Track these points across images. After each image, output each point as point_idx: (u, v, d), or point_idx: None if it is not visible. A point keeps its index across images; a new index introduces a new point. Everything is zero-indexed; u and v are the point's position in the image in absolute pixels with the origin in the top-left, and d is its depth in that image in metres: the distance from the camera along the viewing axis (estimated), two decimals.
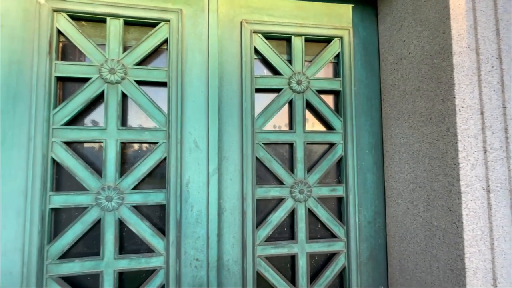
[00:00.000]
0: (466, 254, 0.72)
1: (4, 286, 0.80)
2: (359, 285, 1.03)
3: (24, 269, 0.81)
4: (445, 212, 0.78)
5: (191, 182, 0.92)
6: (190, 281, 0.91)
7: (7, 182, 0.81)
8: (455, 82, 0.75)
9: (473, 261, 0.72)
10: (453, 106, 0.75)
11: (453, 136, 0.75)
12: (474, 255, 0.72)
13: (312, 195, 1.02)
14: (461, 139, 0.74)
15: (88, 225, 0.86)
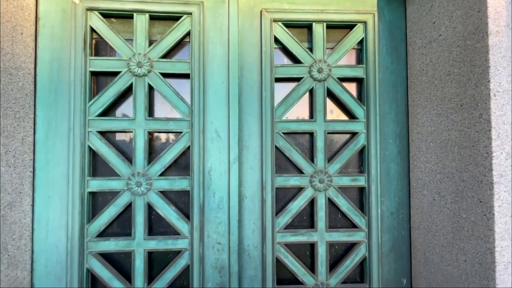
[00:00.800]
0: (497, 248, 0.68)
1: (52, 258, 0.90)
2: (380, 276, 1.02)
3: (68, 244, 0.91)
4: (475, 203, 0.74)
5: (213, 170, 0.96)
6: (213, 263, 0.96)
7: (52, 168, 0.91)
8: (491, 64, 0.69)
9: (505, 255, 0.68)
10: (487, 91, 0.70)
11: (486, 123, 0.70)
12: (506, 249, 0.68)
13: (332, 185, 1.01)
14: (495, 126, 0.69)
15: (120, 208, 0.94)
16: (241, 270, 0.98)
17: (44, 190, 0.90)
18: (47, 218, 0.90)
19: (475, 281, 0.74)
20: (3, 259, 0.79)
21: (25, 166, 0.87)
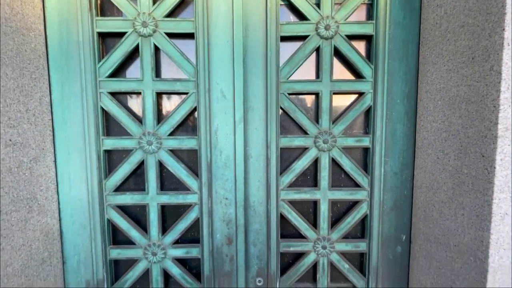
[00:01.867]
0: (495, 200, 0.70)
1: (76, 209, 1.00)
2: (380, 233, 1.06)
3: (89, 197, 1.00)
4: (477, 158, 0.74)
5: (219, 130, 0.99)
6: (221, 216, 1.03)
7: (69, 127, 0.97)
8: (507, 11, 0.65)
9: (502, 207, 0.70)
10: (501, 40, 0.66)
11: (496, 75, 0.68)
12: (504, 201, 0.69)
13: (336, 145, 1.03)
14: (505, 78, 0.66)
15: (134, 165, 1.00)
16: (247, 224, 1.05)
17: (64, 147, 0.97)
18: (68, 173, 0.98)
19: (471, 232, 0.77)
20: (34, 207, 0.89)
21: (45, 125, 0.93)
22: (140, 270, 1.05)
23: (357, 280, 1.09)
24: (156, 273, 1.05)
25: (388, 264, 1.07)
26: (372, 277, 1.08)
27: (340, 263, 1.08)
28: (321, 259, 1.08)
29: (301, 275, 1.09)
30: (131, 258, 1.05)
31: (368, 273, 1.08)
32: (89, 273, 1.03)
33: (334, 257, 1.08)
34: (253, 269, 1.07)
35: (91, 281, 1.04)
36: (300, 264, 1.08)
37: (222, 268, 1.05)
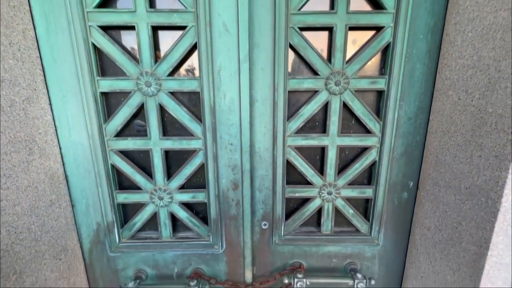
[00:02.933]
0: None
1: (79, 154, 0.98)
2: (387, 179, 1.05)
3: (90, 141, 0.97)
4: (506, 95, 0.68)
5: (222, 69, 0.92)
6: (226, 162, 1.01)
7: (61, 65, 0.90)
8: None
9: None
10: None
11: None
12: None
13: (349, 88, 0.95)
14: None
15: (133, 108, 0.95)
16: (252, 170, 1.03)
17: (57, 88, 0.91)
18: (66, 116, 0.94)
19: (486, 174, 0.74)
20: (35, 150, 0.86)
21: (33, 63, 0.86)
22: (148, 213, 1.07)
23: (360, 225, 1.12)
24: (163, 216, 1.08)
25: (392, 209, 1.08)
26: (376, 221, 1.10)
27: (345, 208, 1.09)
28: (326, 204, 1.08)
29: (305, 219, 1.11)
30: (138, 202, 1.06)
31: (372, 218, 1.10)
32: (99, 216, 1.06)
33: (339, 202, 1.08)
34: (259, 213, 1.09)
35: (101, 223, 1.07)
36: (305, 209, 1.09)
37: (228, 212, 1.07)
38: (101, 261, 1.12)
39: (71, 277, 1.04)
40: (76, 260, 1.06)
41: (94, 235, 1.08)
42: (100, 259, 1.11)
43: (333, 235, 1.12)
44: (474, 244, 0.80)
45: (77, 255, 1.07)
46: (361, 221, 1.11)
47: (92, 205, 1.04)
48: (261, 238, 1.12)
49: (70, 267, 1.03)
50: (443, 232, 0.92)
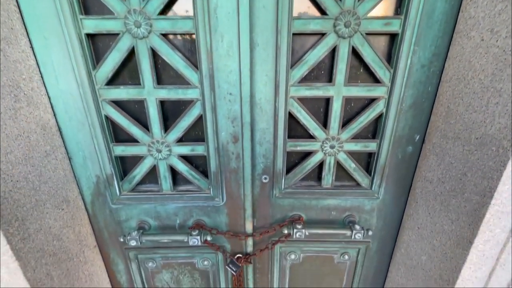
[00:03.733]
0: None
1: (69, 104, 0.93)
2: (393, 133, 1.01)
3: (80, 90, 0.91)
4: None
5: (219, 7, 0.82)
6: (225, 113, 0.96)
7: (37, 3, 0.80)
8: None
9: None
10: None
11: None
12: None
13: (359, 30, 0.86)
14: None
15: (123, 52, 0.87)
16: (253, 122, 0.99)
17: (37, 29, 0.83)
18: (51, 61, 0.87)
19: (501, 122, 0.70)
20: (21, 97, 0.81)
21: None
22: (147, 166, 1.06)
23: (361, 179, 1.11)
24: (163, 169, 1.06)
25: (395, 163, 1.06)
26: (377, 176, 1.09)
27: (347, 162, 1.07)
28: (328, 158, 1.06)
29: (306, 173, 1.10)
30: (136, 155, 1.04)
31: (374, 172, 1.08)
32: (97, 168, 1.04)
33: (341, 156, 1.06)
34: (259, 167, 1.07)
35: (101, 176, 1.06)
36: (306, 163, 1.08)
37: (228, 165, 1.05)
38: (103, 212, 1.14)
39: (76, 227, 1.06)
40: (79, 211, 1.08)
41: (95, 188, 1.08)
42: (102, 210, 1.13)
43: (333, 189, 1.12)
44: (477, 194, 0.79)
45: (79, 207, 1.08)
46: (363, 175, 1.10)
47: (89, 157, 1.02)
48: (261, 192, 1.12)
49: (73, 217, 1.05)
50: (445, 184, 0.91)
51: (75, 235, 1.06)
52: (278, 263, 1.30)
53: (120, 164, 1.08)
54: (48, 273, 0.92)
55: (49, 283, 0.93)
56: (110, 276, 1.29)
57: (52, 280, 0.94)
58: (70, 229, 1.03)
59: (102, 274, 1.24)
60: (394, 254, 1.24)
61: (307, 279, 1.34)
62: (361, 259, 1.27)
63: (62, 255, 0.99)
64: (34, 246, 0.87)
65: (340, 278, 1.34)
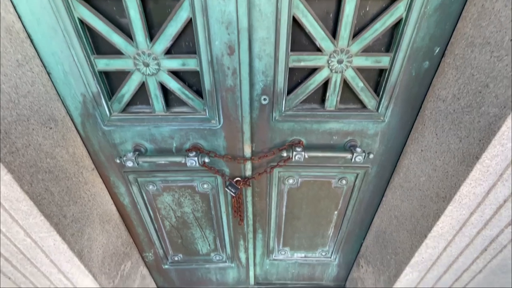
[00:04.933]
0: None
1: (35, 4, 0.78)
2: (410, 44, 0.88)
3: None
4: None
5: None
6: (218, 17, 0.82)
7: None
8: None
9: None
10: None
11: None
12: None
13: None
14: None
15: None
16: (251, 30, 0.86)
17: None
18: None
19: None
20: None
21: None
22: (135, 83, 0.97)
23: (368, 100, 1.03)
24: (153, 87, 0.98)
25: (407, 81, 0.97)
26: (386, 96, 1.00)
27: (354, 80, 0.98)
28: (334, 75, 0.96)
29: (309, 94, 1.01)
30: (122, 70, 0.94)
31: (383, 92, 1.00)
32: (81, 86, 0.96)
33: (349, 74, 0.96)
34: (258, 86, 0.98)
35: (87, 94, 0.98)
36: (310, 82, 0.98)
37: (224, 83, 0.96)
38: (96, 135, 1.09)
39: (69, 148, 1.03)
40: (69, 132, 1.03)
41: (83, 108, 1.02)
42: (95, 133, 1.09)
43: (337, 111, 1.05)
44: (496, 106, 0.72)
45: (69, 127, 1.03)
46: (370, 96, 1.02)
47: (71, 72, 0.93)
48: (261, 114, 1.06)
49: (65, 138, 1.01)
50: (461, 100, 0.83)
51: (70, 155, 1.04)
52: (277, 187, 1.32)
53: (106, 81, 0.99)
54: (47, 188, 0.92)
55: (51, 198, 0.94)
56: (113, 198, 1.33)
57: (53, 195, 0.95)
58: (63, 149, 1.00)
59: (105, 196, 1.28)
60: (392, 178, 1.25)
61: (303, 202, 1.39)
62: (358, 183, 1.29)
63: (59, 173, 0.98)
64: (26, 161, 0.84)
65: (336, 202, 1.38)
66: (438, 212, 0.94)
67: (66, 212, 1.01)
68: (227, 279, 1.87)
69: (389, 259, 1.29)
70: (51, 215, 0.94)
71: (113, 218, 1.34)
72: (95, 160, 1.18)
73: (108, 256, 1.30)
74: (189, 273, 1.81)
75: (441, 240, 1.00)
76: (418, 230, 1.05)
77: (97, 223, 1.21)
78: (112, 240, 1.33)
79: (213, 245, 1.61)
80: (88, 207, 1.15)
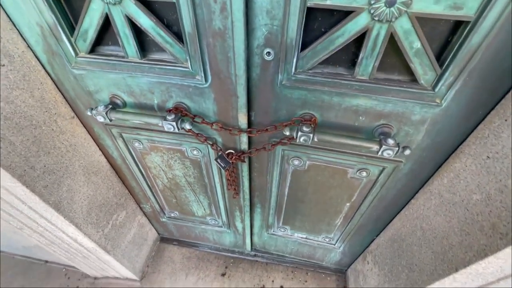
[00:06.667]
0: None
1: None
2: None
3: None
4: None
5: None
6: None
7: None
8: None
9: None
10: None
11: None
12: None
13: None
14: None
15: None
16: None
17: None
18: None
19: None
20: None
21: None
22: (97, 15, 0.73)
23: (423, 71, 0.68)
24: (120, 22, 0.73)
25: (500, 48, 0.59)
26: (455, 68, 0.65)
27: (408, 37, 0.62)
28: (377, 26, 0.62)
29: (334, 52, 0.69)
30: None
31: (451, 61, 0.64)
32: (33, 13, 0.74)
33: (402, 25, 0.61)
34: (260, 32, 0.68)
35: (43, 25, 0.77)
36: (338, 33, 0.65)
37: (210, 23, 0.67)
38: (68, 79, 0.92)
39: (35, 91, 0.88)
40: (33, 71, 0.87)
41: (43, 42, 0.82)
42: (66, 76, 0.91)
43: (372, 82, 0.73)
44: None
45: (32, 66, 0.86)
46: (428, 65, 0.66)
47: None
48: (262, 74, 0.78)
49: (26, 79, 0.85)
50: None
51: (36, 100, 0.89)
52: (279, 166, 1.10)
53: (63, 10, 0.76)
54: (3, 137, 0.81)
55: (10, 149, 0.83)
56: (101, 150, 1.23)
57: (13, 145, 0.84)
58: (24, 92, 0.85)
59: (91, 147, 1.17)
60: (431, 181, 0.94)
61: (309, 187, 1.16)
62: (383, 179, 1.01)
63: (20, 120, 0.85)
64: None
65: (350, 194, 1.13)
66: (486, 249, 0.65)
67: (35, 164, 0.92)
68: (223, 241, 1.83)
69: (401, 271, 1.06)
70: (12, 166, 0.84)
71: (102, 169, 1.26)
72: (74, 108, 1.04)
73: (96, 207, 1.25)
74: (186, 229, 1.80)
75: (477, 279, 0.74)
76: (448, 258, 0.79)
77: (80, 175, 1.13)
78: (101, 191, 1.27)
79: (208, 210, 1.52)
80: (66, 158, 1.05)
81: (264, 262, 1.87)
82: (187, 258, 1.92)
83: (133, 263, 1.69)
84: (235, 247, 1.89)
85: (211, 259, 1.90)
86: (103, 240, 1.34)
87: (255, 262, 1.88)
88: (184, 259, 1.91)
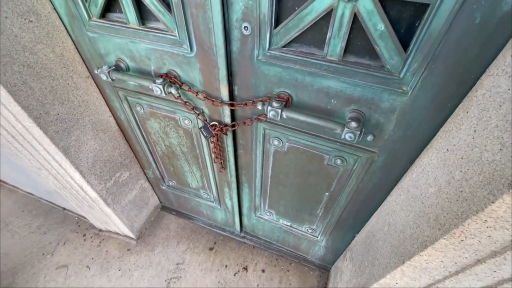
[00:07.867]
0: None
1: None
2: None
3: None
4: None
5: None
6: None
7: None
8: None
9: None
10: None
11: None
12: None
13: None
14: None
15: None
16: None
17: None
18: None
19: None
20: None
21: None
22: None
23: (389, 55, 0.68)
24: None
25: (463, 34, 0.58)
26: (419, 54, 0.64)
27: (372, 19, 0.63)
28: (342, 5, 0.64)
29: (304, 30, 0.72)
30: None
31: (415, 46, 0.64)
32: None
33: (365, 5, 0.62)
34: (238, 6, 0.74)
35: None
36: (306, 11, 0.68)
37: None
38: (84, 40, 1.06)
39: (56, 48, 1.04)
40: (57, 31, 1.02)
41: (65, 5, 0.96)
42: (82, 38, 1.05)
43: (340, 64, 0.75)
44: None
45: (56, 26, 1.01)
46: (392, 48, 0.67)
47: None
48: (242, 48, 0.83)
49: (50, 36, 1.00)
50: None
51: (57, 56, 1.05)
52: (261, 145, 1.14)
53: None
54: (24, 81, 0.97)
55: (30, 92, 0.99)
56: (112, 111, 1.38)
57: (32, 90, 1.00)
58: (47, 47, 1.00)
59: (102, 106, 1.33)
60: (404, 177, 0.92)
61: (290, 171, 1.19)
62: (358, 170, 1.00)
63: (41, 70, 1.01)
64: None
65: (328, 182, 1.14)
66: (427, 240, 0.65)
67: (49, 110, 1.08)
68: (215, 217, 1.92)
69: (366, 266, 1.06)
70: (29, 107, 1.01)
71: (110, 129, 1.41)
72: (90, 68, 1.19)
73: (101, 161, 1.41)
74: (183, 200, 1.92)
75: (424, 274, 0.72)
76: (400, 251, 0.78)
77: (89, 129, 1.29)
78: (107, 148, 1.43)
79: (200, 183, 1.62)
80: (78, 111, 1.21)
81: (252, 245, 1.93)
82: (181, 228, 2.05)
83: (132, 222, 1.86)
84: (226, 226, 1.97)
85: (203, 233, 2.01)
86: (104, 192, 1.50)
87: (243, 244, 1.94)
88: (179, 228, 2.04)
